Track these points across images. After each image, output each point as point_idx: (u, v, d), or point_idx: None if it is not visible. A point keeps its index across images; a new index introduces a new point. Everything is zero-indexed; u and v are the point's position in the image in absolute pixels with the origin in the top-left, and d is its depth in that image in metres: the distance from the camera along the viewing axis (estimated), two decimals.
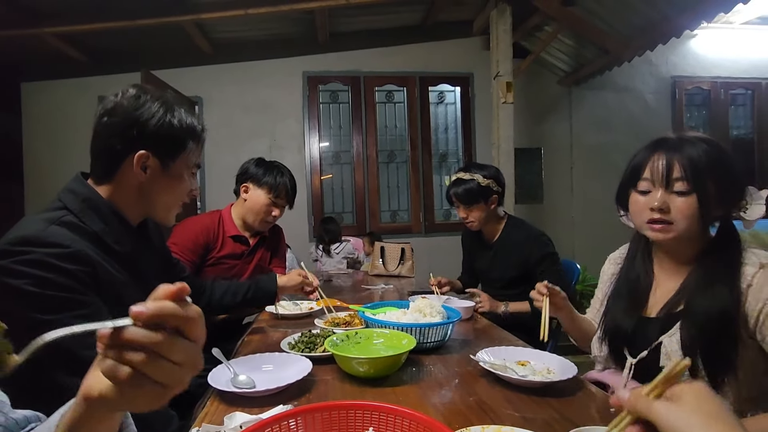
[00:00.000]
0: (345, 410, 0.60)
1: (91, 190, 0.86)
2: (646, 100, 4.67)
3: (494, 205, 1.84)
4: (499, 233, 1.89)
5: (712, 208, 0.86)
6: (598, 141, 4.55)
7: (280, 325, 1.43)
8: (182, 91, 3.70)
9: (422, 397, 0.84)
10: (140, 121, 0.85)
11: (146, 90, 0.90)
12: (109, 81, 4.01)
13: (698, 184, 0.86)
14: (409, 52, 4.33)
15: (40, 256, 0.69)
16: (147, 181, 0.88)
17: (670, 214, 0.88)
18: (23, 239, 0.70)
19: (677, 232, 0.88)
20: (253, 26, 3.83)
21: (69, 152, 3.96)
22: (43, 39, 3.44)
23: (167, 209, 0.96)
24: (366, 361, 0.89)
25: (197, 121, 0.95)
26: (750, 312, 0.83)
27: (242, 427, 0.59)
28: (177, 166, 0.92)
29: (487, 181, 1.81)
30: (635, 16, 3.32)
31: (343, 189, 4.38)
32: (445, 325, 1.12)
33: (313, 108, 4.25)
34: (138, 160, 0.86)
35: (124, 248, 0.85)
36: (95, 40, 3.74)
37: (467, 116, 4.44)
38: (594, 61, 4.03)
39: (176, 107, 0.90)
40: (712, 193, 0.86)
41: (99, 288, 0.76)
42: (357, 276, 2.84)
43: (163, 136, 0.87)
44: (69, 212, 0.80)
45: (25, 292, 0.67)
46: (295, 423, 0.57)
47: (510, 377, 0.88)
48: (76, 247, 0.73)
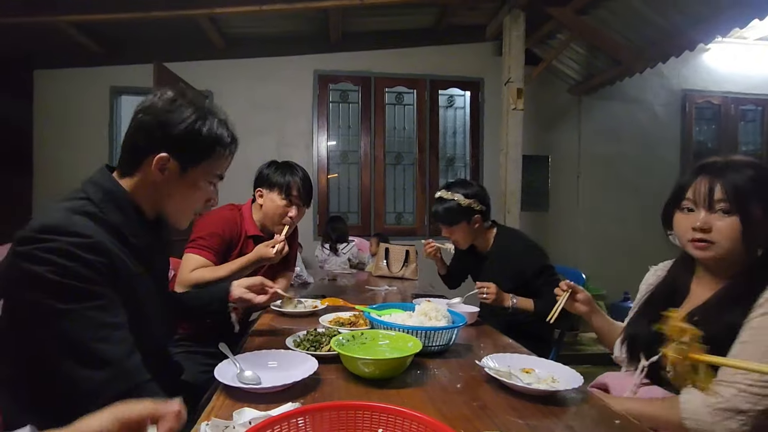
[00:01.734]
0: (353, 410, 0.60)
1: (114, 182, 0.87)
2: (656, 112, 4.66)
3: (478, 225, 1.82)
4: (492, 244, 1.87)
5: (757, 230, 0.88)
6: (606, 151, 4.55)
7: (284, 322, 1.44)
8: (193, 85, 3.72)
9: (427, 401, 0.84)
10: (168, 123, 0.86)
11: (184, 94, 0.90)
12: (121, 71, 4.05)
13: (740, 205, 0.88)
14: (420, 55, 4.34)
15: (63, 244, 0.70)
16: (163, 182, 0.89)
17: (711, 234, 0.92)
18: (47, 227, 0.71)
19: (718, 251, 0.92)
20: (266, 23, 3.85)
21: (78, 140, 4.00)
22: (58, 27, 3.46)
23: (178, 213, 0.95)
24: (372, 362, 0.89)
25: (228, 132, 0.94)
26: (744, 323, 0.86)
27: (251, 423, 0.59)
28: (195, 174, 0.91)
29: (468, 201, 1.77)
30: (649, 27, 3.31)
31: (349, 189, 4.38)
32: (450, 330, 1.12)
33: (323, 107, 4.26)
34: (158, 161, 0.86)
35: (141, 242, 0.86)
36: (109, 31, 3.77)
37: (476, 121, 4.44)
38: (605, 71, 4.02)
39: (209, 117, 0.90)
40: (758, 215, 0.88)
41: (116, 280, 0.76)
42: (360, 276, 2.84)
43: (187, 142, 0.87)
44: (91, 202, 0.81)
45: (45, 279, 0.68)
46: (304, 421, 0.57)
47: (515, 384, 0.88)
48: (97, 238, 0.74)
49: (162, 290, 1.02)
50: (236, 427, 0.59)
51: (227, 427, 0.58)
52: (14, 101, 3.87)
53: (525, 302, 1.69)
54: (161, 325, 0.98)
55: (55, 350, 0.70)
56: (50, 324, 0.69)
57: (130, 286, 0.80)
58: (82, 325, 0.70)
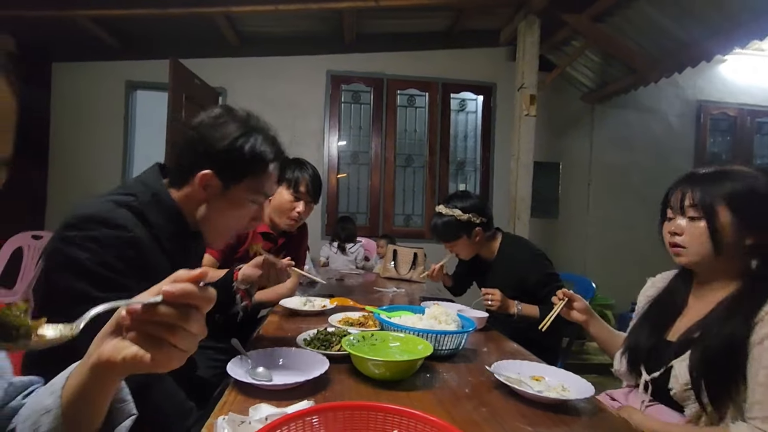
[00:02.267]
0: (367, 411, 0.60)
1: (162, 187, 0.88)
2: (670, 122, 4.62)
3: (479, 237, 1.78)
4: (497, 252, 1.85)
5: (724, 236, 0.92)
6: (617, 160, 4.52)
7: (293, 320, 1.45)
8: (207, 81, 3.76)
9: (436, 404, 0.84)
10: (211, 140, 0.87)
11: (231, 111, 0.91)
12: (137, 66, 4.10)
13: (707, 211, 0.93)
14: (433, 58, 4.34)
15: (105, 235, 0.72)
16: (206, 199, 0.90)
17: (682, 239, 0.97)
18: (92, 216, 0.73)
19: (690, 256, 0.97)
20: (281, 22, 3.88)
21: (93, 133, 4.06)
22: (77, 21, 3.52)
23: (218, 232, 0.95)
24: (383, 364, 0.90)
25: (272, 149, 0.93)
26: (750, 342, 0.85)
27: (267, 419, 0.59)
28: (238, 191, 0.91)
29: (466, 216, 1.73)
30: (666, 37, 3.28)
31: (358, 189, 4.40)
32: (460, 334, 1.12)
33: (335, 107, 4.28)
34: (201, 178, 0.87)
35: (175, 247, 0.87)
36: (126, 26, 3.82)
37: (487, 126, 4.44)
38: (620, 80, 4.00)
39: (254, 134, 0.90)
40: (725, 221, 0.91)
41: (146, 277, 0.78)
42: (368, 277, 2.85)
43: (228, 158, 0.88)
44: (136, 200, 0.83)
45: (84, 265, 0.70)
46: (318, 420, 0.58)
47: (525, 392, 0.88)
48: (136, 233, 0.76)
49: None
50: (252, 423, 0.59)
51: (243, 422, 0.59)
52: (33, 93, 3.93)
53: (530, 309, 1.68)
54: None
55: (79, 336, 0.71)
56: (82, 308, 0.70)
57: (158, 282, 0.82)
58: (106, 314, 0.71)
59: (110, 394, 0.47)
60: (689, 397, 0.91)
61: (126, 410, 0.52)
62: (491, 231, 1.86)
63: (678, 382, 0.93)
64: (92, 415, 0.47)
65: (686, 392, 0.92)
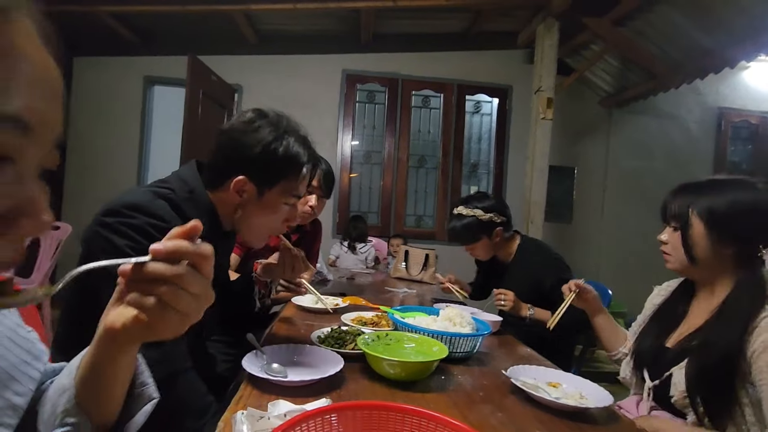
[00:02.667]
0: (386, 411, 0.60)
1: (200, 184, 0.89)
2: (690, 129, 4.53)
3: (499, 237, 1.77)
4: (514, 255, 1.83)
5: (695, 245, 0.99)
6: (634, 166, 4.44)
7: (306, 317, 1.44)
8: (224, 78, 3.79)
9: (452, 407, 0.83)
10: (245, 146, 0.87)
11: (264, 114, 0.91)
12: (155, 62, 4.15)
13: (682, 221, 1.01)
14: (449, 59, 4.32)
15: (143, 223, 0.73)
16: (241, 204, 0.90)
17: (667, 247, 1.06)
18: (132, 204, 0.75)
19: (673, 263, 1.06)
20: (299, 21, 3.90)
21: (110, 127, 4.12)
22: (98, 16, 3.58)
23: (254, 234, 0.96)
24: (398, 364, 0.89)
25: (305, 150, 0.93)
26: (749, 353, 0.86)
27: (286, 415, 0.59)
28: (273, 195, 0.91)
29: (487, 215, 1.72)
30: (688, 42, 3.22)
31: (370, 189, 4.40)
32: (475, 337, 1.10)
33: (349, 106, 4.28)
34: (236, 184, 0.88)
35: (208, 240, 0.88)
36: (146, 21, 3.87)
37: (502, 128, 4.40)
38: (639, 85, 3.94)
39: (287, 136, 0.90)
40: (699, 232, 0.98)
41: None
42: (378, 276, 2.84)
43: (263, 163, 0.88)
44: (174, 194, 0.84)
45: (122, 251, 0.71)
46: (337, 418, 0.57)
47: (543, 398, 0.86)
48: (174, 224, 0.76)
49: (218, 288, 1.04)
50: (271, 419, 0.59)
51: (262, 417, 0.59)
52: None
53: (543, 314, 1.66)
54: (211, 321, 1.00)
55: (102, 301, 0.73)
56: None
57: None
58: None
59: (121, 368, 0.45)
60: (689, 405, 0.93)
61: (147, 394, 0.51)
62: (510, 232, 1.85)
63: (677, 390, 0.94)
64: (106, 393, 0.45)
65: (685, 399, 0.93)
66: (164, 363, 0.73)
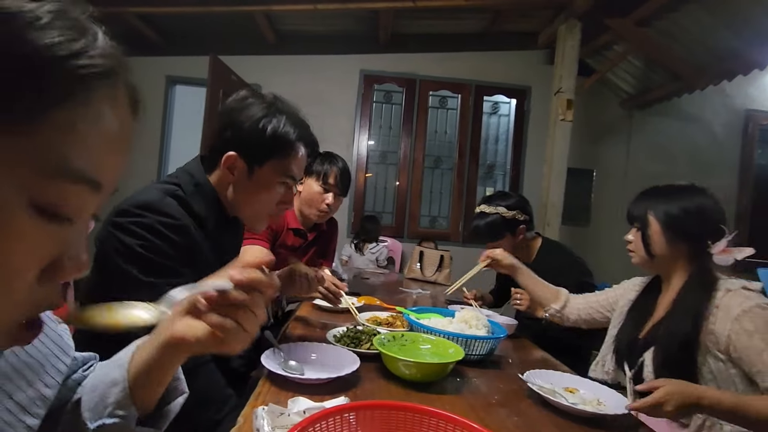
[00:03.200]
0: (403, 411, 0.60)
1: (204, 176, 0.91)
2: (715, 132, 4.40)
3: (522, 235, 1.77)
4: (534, 256, 1.81)
5: (652, 243, 1.13)
6: (656, 170, 4.33)
7: (321, 316, 1.46)
8: (244, 78, 3.85)
9: (468, 410, 0.83)
10: (236, 123, 0.88)
11: (257, 95, 0.92)
12: (177, 62, 4.23)
13: (641, 222, 1.16)
14: (467, 60, 4.29)
15: (154, 222, 0.75)
16: (234, 182, 0.91)
17: (631, 245, 1.21)
18: (143, 204, 0.76)
19: (635, 259, 1.20)
20: (318, 21, 3.93)
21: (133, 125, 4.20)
22: (123, 17, 3.66)
23: (250, 215, 0.96)
24: (414, 365, 0.89)
25: (297, 131, 0.92)
26: (719, 333, 0.97)
27: (306, 412, 0.60)
28: (263, 173, 0.91)
29: (511, 213, 1.73)
30: (716, 43, 3.14)
31: (385, 189, 4.40)
32: (491, 340, 1.10)
33: (366, 106, 4.30)
34: (226, 160, 0.89)
35: (217, 235, 0.90)
36: (169, 22, 3.95)
37: (520, 130, 4.35)
38: (662, 86, 3.85)
39: (278, 115, 0.90)
40: (655, 231, 1.12)
41: (193, 262, 0.80)
42: (391, 277, 2.85)
43: (252, 140, 0.88)
44: (181, 189, 0.85)
45: (134, 251, 0.73)
46: (356, 417, 0.58)
47: (560, 403, 0.86)
48: (183, 221, 0.78)
49: None
50: (291, 415, 0.60)
51: (282, 413, 0.60)
52: None
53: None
54: None
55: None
56: (132, 292, 0.73)
57: (203, 271, 0.84)
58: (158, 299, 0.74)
59: (174, 370, 0.50)
60: None
61: (179, 388, 0.54)
62: (533, 232, 1.84)
63: (648, 372, 1.06)
64: (155, 389, 0.50)
65: None
66: None
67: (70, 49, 0.24)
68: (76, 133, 0.26)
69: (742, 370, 0.96)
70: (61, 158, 0.25)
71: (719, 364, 0.98)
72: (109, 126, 0.28)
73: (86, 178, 0.27)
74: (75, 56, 0.25)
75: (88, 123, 0.26)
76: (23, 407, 0.41)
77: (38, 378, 0.44)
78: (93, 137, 0.27)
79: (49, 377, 0.46)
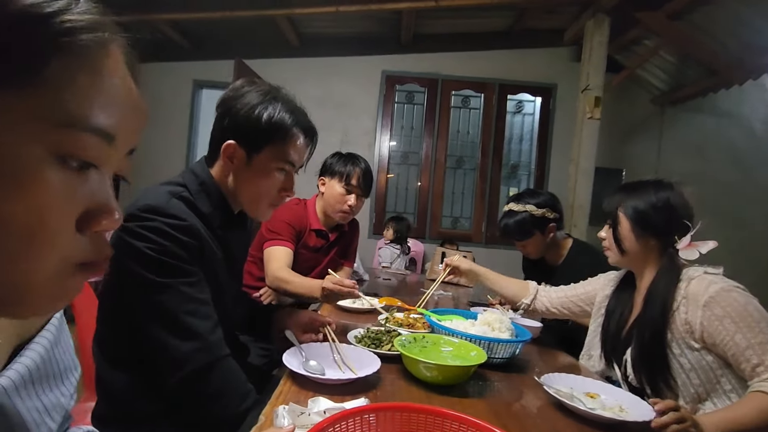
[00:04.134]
0: (425, 414, 0.59)
1: (208, 174, 0.92)
2: (753, 128, 4.19)
3: (552, 234, 1.72)
4: (564, 257, 1.77)
5: (623, 239, 1.14)
6: (689, 168, 4.15)
7: (342, 316, 1.46)
8: (267, 80, 3.90)
9: (491, 414, 0.82)
10: (232, 110, 0.90)
11: (253, 83, 0.93)
12: (203, 66, 4.35)
13: (613, 218, 1.16)
14: (490, 58, 4.23)
15: (161, 224, 0.76)
16: (234, 171, 0.92)
17: (606, 242, 1.20)
18: (150, 207, 0.78)
19: (611, 256, 1.20)
20: (340, 23, 3.96)
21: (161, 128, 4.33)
22: (154, 24, 3.79)
23: (252, 203, 0.96)
24: (435, 367, 0.88)
25: (292, 118, 0.93)
26: (692, 322, 0.99)
27: (326, 412, 0.60)
28: (261, 160, 0.91)
29: (540, 211, 1.69)
30: (754, 35, 2.98)
31: (407, 190, 4.39)
32: (515, 343, 1.08)
33: (388, 107, 4.30)
34: (225, 149, 0.90)
35: (224, 232, 0.91)
36: (197, 28, 4.06)
37: (545, 129, 4.26)
38: (697, 82, 3.69)
39: (273, 102, 0.91)
40: (627, 227, 1.13)
41: (202, 261, 0.82)
42: (412, 278, 2.83)
43: (248, 127, 0.89)
44: (186, 190, 0.87)
45: (144, 254, 0.74)
46: (375, 418, 0.58)
47: (576, 407, 0.83)
48: (190, 222, 0.80)
49: (238, 277, 1.08)
50: (311, 415, 0.60)
51: (303, 413, 0.60)
52: None
53: (586, 319, 1.59)
54: (235, 308, 1.03)
55: (148, 319, 0.76)
56: (146, 295, 0.75)
57: (213, 269, 0.86)
58: (174, 298, 0.75)
59: None
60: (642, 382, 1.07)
61: None
62: (563, 232, 1.80)
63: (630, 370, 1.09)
64: None
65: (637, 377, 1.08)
66: (204, 351, 0.77)
67: (53, 6, 0.26)
68: (76, 85, 0.28)
69: (717, 356, 0.99)
70: (69, 109, 0.28)
71: (695, 353, 1.00)
72: (109, 79, 0.30)
73: (95, 128, 0.29)
74: (59, 13, 0.27)
75: (86, 74, 0.28)
76: (48, 410, 0.41)
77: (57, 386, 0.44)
78: (94, 89, 0.29)
79: (64, 387, 0.46)
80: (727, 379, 0.99)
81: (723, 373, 0.99)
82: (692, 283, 1.02)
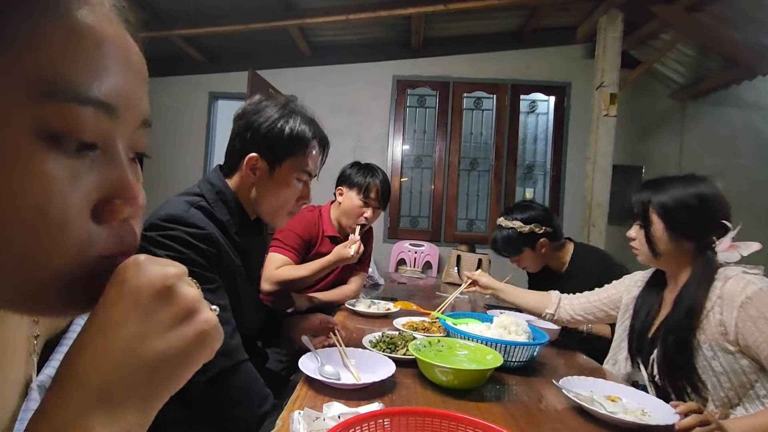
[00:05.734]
0: (439, 419, 0.59)
1: (224, 183, 0.96)
2: None
3: (545, 248, 1.67)
4: (568, 264, 1.72)
5: (656, 240, 1.07)
6: (714, 164, 4.01)
7: (357, 321, 1.47)
8: (281, 90, 3.98)
9: (509, 419, 0.80)
10: (254, 125, 0.94)
11: (271, 97, 0.98)
12: (219, 78, 4.45)
13: (645, 219, 1.09)
14: (502, 59, 4.20)
15: (181, 233, 0.79)
16: (256, 182, 0.96)
17: (635, 243, 1.13)
18: (170, 217, 0.80)
19: (640, 257, 1.14)
20: (350, 31, 3.99)
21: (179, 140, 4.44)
22: (171, 40, 3.90)
23: (272, 212, 1.00)
24: (451, 371, 0.87)
25: (311, 130, 0.98)
26: (728, 323, 0.94)
27: (340, 417, 0.60)
28: (283, 171, 0.97)
29: (528, 227, 1.63)
30: None
31: (421, 193, 4.38)
32: (532, 347, 1.06)
33: (400, 111, 4.31)
34: (248, 161, 0.94)
35: (242, 239, 0.94)
36: (212, 42, 4.16)
37: (560, 128, 4.19)
38: (718, 74, 3.58)
39: (294, 116, 0.96)
40: (658, 229, 1.06)
41: (221, 269, 0.84)
42: (428, 282, 2.82)
43: (270, 140, 0.94)
44: (204, 199, 0.90)
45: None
46: (390, 423, 0.58)
47: (596, 411, 0.81)
48: (209, 230, 0.82)
49: (255, 284, 1.10)
50: (326, 420, 0.61)
51: (318, 418, 0.61)
52: None
53: (602, 328, 1.55)
54: (252, 314, 1.05)
55: None
56: None
57: (232, 276, 0.88)
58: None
59: None
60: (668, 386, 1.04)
61: None
62: (559, 241, 1.74)
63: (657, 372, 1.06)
64: None
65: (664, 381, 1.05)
66: (222, 356, 0.78)
67: None
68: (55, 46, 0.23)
69: (752, 359, 0.94)
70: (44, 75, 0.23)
71: (728, 357, 0.95)
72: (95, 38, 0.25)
73: (85, 98, 0.24)
74: None
75: (66, 33, 0.24)
76: None
77: None
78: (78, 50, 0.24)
79: None
80: (762, 383, 0.94)
81: (758, 377, 0.94)
82: (729, 283, 0.96)
